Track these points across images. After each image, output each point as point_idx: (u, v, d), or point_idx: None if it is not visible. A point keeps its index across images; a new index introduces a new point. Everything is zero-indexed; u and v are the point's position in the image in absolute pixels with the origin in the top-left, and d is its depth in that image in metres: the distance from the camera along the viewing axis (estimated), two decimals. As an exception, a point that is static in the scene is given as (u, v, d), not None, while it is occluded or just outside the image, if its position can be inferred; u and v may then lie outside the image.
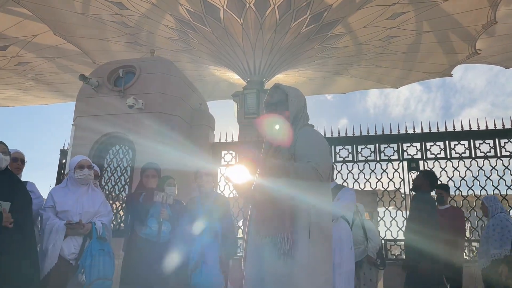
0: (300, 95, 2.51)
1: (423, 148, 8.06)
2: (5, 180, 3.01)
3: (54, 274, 3.17)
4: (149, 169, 3.84)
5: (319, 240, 2.14)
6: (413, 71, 13.97)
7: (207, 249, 3.62)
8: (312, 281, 2.05)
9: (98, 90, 8.16)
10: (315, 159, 2.18)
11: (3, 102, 17.26)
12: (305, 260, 2.07)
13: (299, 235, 2.12)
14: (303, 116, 2.44)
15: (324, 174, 2.17)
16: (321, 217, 2.19)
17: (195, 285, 3.49)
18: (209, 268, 3.52)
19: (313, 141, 2.31)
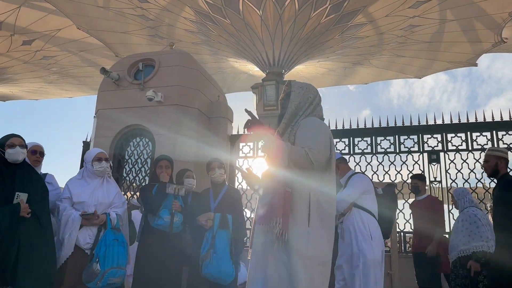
0: (307, 87, 2.53)
1: (444, 140, 7.91)
2: (22, 172, 3.13)
3: (70, 263, 3.29)
4: (162, 160, 3.91)
5: (319, 228, 2.15)
6: (436, 61, 13.66)
7: (217, 239, 3.66)
8: (308, 270, 2.06)
9: (119, 83, 8.30)
10: (309, 144, 2.19)
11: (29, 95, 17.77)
12: (303, 248, 2.09)
13: (297, 222, 2.13)
14: (309, 107, 2.47)
15: (315, 160, 2.15)
16: (322, 206, 2.19)
17: (206, 275, 3.55)
18: (220, 258, 3.56)
19: (311, 129, 2.32)
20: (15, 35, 12.91)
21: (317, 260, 2.10)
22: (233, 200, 3.98)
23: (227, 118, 8.70)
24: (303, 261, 2.07)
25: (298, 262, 2.06)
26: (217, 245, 3.62)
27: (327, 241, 2.18)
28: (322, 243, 2.15)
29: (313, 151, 2.17)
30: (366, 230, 3.73)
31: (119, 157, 8.10)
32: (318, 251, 2.11)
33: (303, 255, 2.08)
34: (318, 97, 2.53)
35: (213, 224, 3.70)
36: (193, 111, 7.96)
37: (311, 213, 2.15)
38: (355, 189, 3.87)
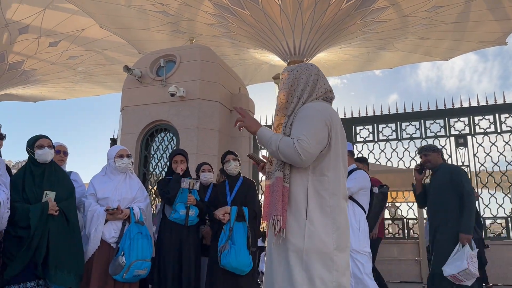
0: (298, 68, 2.27)
1: (471, 123, 7.73)
2: (50, 171, 3.27)
3: (97, 256, 3.42)
4: (177, 155, 4.00)
5: (318, 219, 2.05)
6: (463, 41, 13.24)
7: (235, 231, 3.76)
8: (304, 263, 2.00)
9: (142, 80, 8.46)
10: (298, 134, 2.04)
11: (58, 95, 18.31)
12: (299, 241, 2.02)
13: (295, 215, 2.06)
14: (304, 91, 2.21)
15: (303, 151, 1.99)
16: (322, 196, 2.07)
17: (225, 265, 3.65)
18: (238, 249, 3.65)
19: (304, 118, 2.11)
20: (42, 37, 13.29)
21: (315, 252, 2.00)
22: (249, 191, 4.05)
23: (248, 110, 8.73)
24: (299, 254, 2.00)
25: (294, 255, 2.01)
26: (235, 236, 3.72)
27: (327, 231, 2.04)
28: (321, 234, 2.03)
29: (301, 141, 2.00)
30: (356, 223, 3.95)
31: (145, 153, 8.29)
32: (316, 242, 2.01)
33: (299, 248, 2.01)
34: (313, 76, 2.26)
35: (230, 217, 3.81)
36: (215, 104, 8.03)
37: (308, 205, 2.06)
38: (356, 184, 4.02)
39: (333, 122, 2.16)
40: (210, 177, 4.33)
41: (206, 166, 4.38)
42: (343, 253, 2.09)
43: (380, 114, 8.41)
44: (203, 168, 4.35)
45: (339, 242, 2.08)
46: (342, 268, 2.06)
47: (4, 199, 2.93)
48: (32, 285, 2.94)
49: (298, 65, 2.33)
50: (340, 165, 2.18)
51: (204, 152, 7.63)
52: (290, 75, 2.28)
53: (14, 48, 13.56)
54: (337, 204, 2.12)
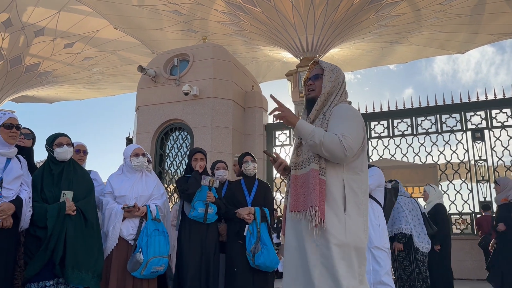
0: (338, 71, 2.41)
1: (488, 116, 7.62)
2: (69, 170, 3.31)
3: (115, 253, 3.47)
4: (197, 153, 4.04)
5: (355, 215, 2.15)
6: (479, 34, 13.03)
7: (262, 232, 3.86)
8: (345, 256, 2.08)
9: (156, 80, 8.54)
10: (343, 132, 2.14)
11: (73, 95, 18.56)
12: (341, 235, 2.09)
13: (334, 210, 2.12)
14: (340, 93, 2.37)
15: (349, 148, 2.10)
16: (356, 193, 2.18)
17: (259, 265, 3.76)
18: (269, 249, 3.79)
19: (346, 117, 2.23)
20: (57, 39, 13.49)
21: (353, 246, 2.10)
22: (266, 193, 4.14)
23: (262, 108, 8.74)
24: (341, 248, 2.08)
25: (336, 249, 2.07)
26: (263, 237, 3.84)
27: (363, 227, 2.17)
28: (358, 230, 2.15)
29: (347, 138, 2.11)
30: (375, 220, 3.96)
31: (160, 152, 8.37)
32: (355, 237, 2.12)
33: (342, 242, 2.09)
34: (344, 80, 2.45)
35: (255, 218, 3.89)
36: (228, 102, 8.06)
37: (346, 201, 2.15)
38: (374, 181, 4.02)
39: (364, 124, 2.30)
40: (225, 174, 4.38)
41: (221, 163, 4.43)
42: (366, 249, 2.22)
43: (395, 109, 8.34)
44: (218, 166, 4.39)
45: (366, 240, 2.21)
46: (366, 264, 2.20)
47: (27, 198, 2.99)
48: (51, 284, 2.99)
49: (334, 66, 2.44)
50: (367, 166, 2.32)
51: (218, 150, 7.68)
52: (331, 74, 2.38)
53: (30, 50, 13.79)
54: (367, 202, 2.24)
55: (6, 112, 3.10)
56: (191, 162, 4.00)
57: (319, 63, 2.46)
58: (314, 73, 2.43)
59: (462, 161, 7.76)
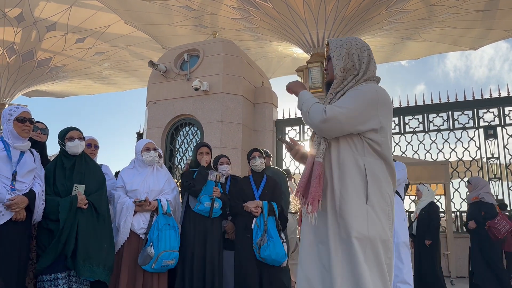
0: (350, 43, 2.11)
1: (501, 113, 7.52)
2: (81, 164, 3.34)
3: (126, 247, 3.50)
4: (203, 147, 4.05)
5: (379, 205, 1.93)
6: (492, 30, 12.84)
7: (269, 225, 3.85)
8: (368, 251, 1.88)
9: (167, 75, 8.57)
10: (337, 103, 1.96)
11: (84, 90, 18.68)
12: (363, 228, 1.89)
13: (353, 199, 1.92)
14: (360, 69, 2.08)
15: (330, 117, 1.89)
16: (380, 180, 1.96)
17: (265, 258, 3.75)
18: (275, 242, 3.77)
19: (353, 92, 2.01)
20: (68, 34, 13.56)
21: (378, 238, 1.89)
22: (275, 188, 4.14)
23: (272, 104, 8.73)
24: (362, 242, 1.88)
25: (357, 242, 1.87)
26: (270, 230, 3.82)
27: (387, 218, 1.95)
28: (382, 221, 1.92)
29: (334, 108, 1.92)
30: (401, 214, 3.93)
31: (170, 147, 8.40)
32: (379, 230, 1.90)
33: (363, 235, 1.88)
34: (367, 51, 2.12)
35: (263, 211, 3.88)
36: (238, 98, 8.06)
37: (369, 188, 1.93)
38: (402, 176, 4.02)
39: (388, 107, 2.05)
40: (229, 169, 4.39)
41: (224, 158, 4.43)
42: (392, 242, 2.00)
43: (407, 106, 8.28)
44: (221, 161, 4.39)
45: (391, 231, 1.99)
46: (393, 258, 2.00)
47: (40, 191, 3.02)
48: (63, 276, 3.02)
49: (345, 39, 2.16)
50: (390, 153, 2.06)
51: (227, 146, 7.68)
52: (341, 50, 2.12)
53: (42, 45, 13.90)
54: (391, 191, 2.02)
55: (19, 106, 3.14)
56: (197, 156, 4.02)
57: (329, 42, 2.21)
58: (327, 55, 2.22)
59: (474, 159, 7.68)
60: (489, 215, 5.31)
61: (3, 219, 2.81)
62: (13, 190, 2.88)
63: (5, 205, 2.81)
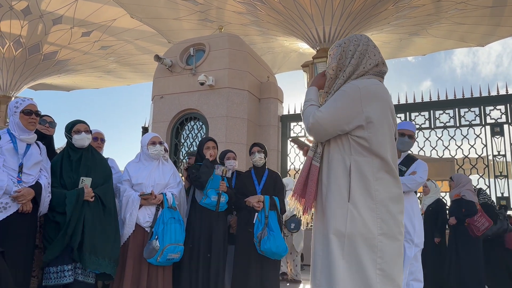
0: (345, 41, 2.12)
1: (508, 111, 7.46)
2: (87, 157, 3.36)
3: (132, 240, 3.52)
4: (209, 141, 4.06)
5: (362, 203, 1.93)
6: (500, 27, 12.74)
7: (270, 219, 3.86)
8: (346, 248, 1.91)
9: (172, 69, 8.56)
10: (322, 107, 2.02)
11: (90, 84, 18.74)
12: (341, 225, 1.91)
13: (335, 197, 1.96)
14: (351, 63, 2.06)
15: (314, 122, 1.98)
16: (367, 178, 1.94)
17: (265, 251, 3.76)
18: (276, 235, 3.78)
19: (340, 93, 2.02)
20: (74, 28, 13.60)
21: (357, 235, 1.89)
22: (276, 183, 4.14)
23: (277, 99, 8.71)
24: (339, 238, 1.91)
25: (334, 239, 1.92)
26: (271, 224, 3.83)
27: (373, 216, 1.92)
28: (365, 219, 1.91)
29: (317, 112, 1.98)
30: (420, 214, 3.94)
31: (176, 141, 8.41)
32: (359, 227, 1.90)
33: (340, 232, 1.91)
34: (361, 46, 2.08)
35: (264, 205, 3.89)
36: (244, 93, 8.05)
37: (352, 187, 1.93)
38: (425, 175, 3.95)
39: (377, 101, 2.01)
40: (235, 164, 4.40)
41: (231, 153, 4.44)
42: (393, 241, 1.96)
43: (413, 102, 8.23)
44: (228, 156, 4.40)
45: (387, 229, 1.94)
46: (389, 256, 1.93)
47: (46, 183, 3.04)
48: (69, 268, 3.05)
49: (346, 38, 2.18)
50: (387, 148, 2.01)
51: (232, 141, 7.68)
52: (338, 49, 2.14)
53: (48, 38, 13.94)
54: (385, 187, 1.98)
55: (25, 98, 3.15)
56: (203, 150, 4.02)
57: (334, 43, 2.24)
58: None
59: (480, 156, 7.63)
60: (469, 213, 5.42)
61: (9, 211, 2.83)
62: (19, 182, 2.90)
63: (11, 197, 2.83)
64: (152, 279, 3.50)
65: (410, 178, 3.85)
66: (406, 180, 3.84)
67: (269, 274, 3.85)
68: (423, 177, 3.87)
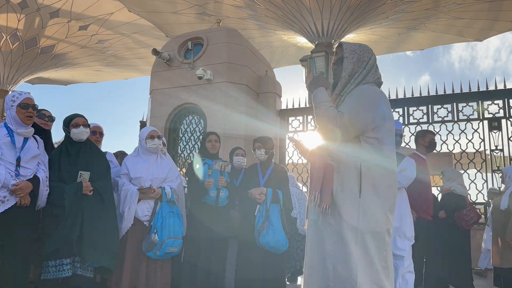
0: (362, 50, 2.33)
1: (506, 105, 7.48)
2: (86, 150, 3.36)
3: (130, 234, 3.54)
4: (212, 135, 4.07)
5: (372, 199, 2.08)
6: (499, 21, 12.72)
7: (271, 213, 3.84)
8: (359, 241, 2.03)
9: (170, 63, 8.52)
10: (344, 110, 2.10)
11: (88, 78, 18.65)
12: (353, 220, 2.05)
13: (347, 194, 2.09)
14: (363, 72, 2.28)
15: (341, 127, 2.07)
16: (375, 177, 2.11)
17: (263, 244, 3.75)
18: (275, 229, 3.76)
19: (356, 97, 2.19)
20: (72, 21, 13.50)
21: (368, 230, 2.04)
22: (281, 177, 4.13)
23: (275, 93, 8.70)
24: (353, 232, 2.04)
25: (348, 233, 2.04)
26: (272, 217, 3.82)
27: (381, 210, 2.09)
28: (375, 213, 2.07)
29: (343, 117, 2.07)
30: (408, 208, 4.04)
31: (174, 135, 8.40)
32: (370, 221, 2.05)
33: (353, 226, 2.05)
34: (372, 59, 2.33)
35: (266, 198, 3.88)
36: (242, 87, 8.03)
37: (362, 185, 2.09)
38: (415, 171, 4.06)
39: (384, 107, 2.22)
40: (243, 161, 4.40)
41: (240, 150, 4.48)
42: (390, 236, 2.15)
43: (411, 97, 8.23)
44: (237, 152, 4.44)
45: (389, 225, 2.14)
46: (390, 249, 2.14)
47: (44, 177, 3.04)
48: (68, 262, 3.05)
49: (358, 45, 2.38)
50: (392, 149, 2.22)
51: (231, 135, 7.67)
52: (354, 55, 2.32)
53: (45, 32, 13.85)
54: (389, 186, 2.16)
55: (22, 92, 3.13)
56: (205, 143, 4.03)
57: (342, 45, 2.39)
58: (338, 56, 2.39)
59: (477, 150, 7.65)
60: (459, 206, 5.51)
61: (8, 204, 2.83)
62: (17, 175, 2.90)
63: (9, 190, 2.82)
64: (151, 273, 3.51)
65: (402, 175, 3.96)
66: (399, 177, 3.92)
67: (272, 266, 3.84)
68: (414, 173, 4.00)
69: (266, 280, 3.79)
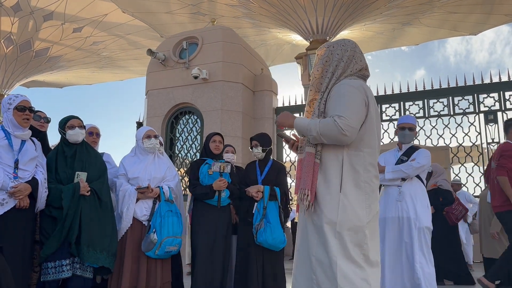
0: (335, 44, 2.27)
1: (501, 98, 7.51)
2: (82, 152, 3.35)
3: (129, 234, 3.53)
4: (217, 136, 4.06)
5: (353, 193, 2.09)
6: (493, 15, 12.76)
7: (268, 210, 3.85)
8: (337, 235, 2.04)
9: (165, 63, 8.52)
10: (338, 112, 2.06)
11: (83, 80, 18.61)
12: (333, 214, 2.06)
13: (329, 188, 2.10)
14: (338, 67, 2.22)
15: (347, 127, 2.02)
16: (357, 171, 2.11)
17: (261, 242, 3.76)
18: (273, 226, 3.77)
19: (341, 94, 2.13)
20: (66, 24, 13.47)
21: (347, 225, 2.04)
22: (279, 173, 4.11)
23: (271, 91, 8.71)
24: (332, 226, 2.05)
25: (327, 228, 2.06)
26: (269, 215, 3.82)
27: (362, 205, 2.10)
28: (355, 208, 2.07)
29: (342, 118, 2.03)
30: (425, 200, 3.96)
31: (171, 135, 8.40)
32: (349, 216, 2.06)
33: (332, 221, 2.06)
34: (349, 51, 2.24)
35: (263, 195, 3.88)
36: (238, 86, 8.04)
37: (343, 179, 2.09)
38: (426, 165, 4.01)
39: (369, 99, 2.18)
40: (233, 158, 4.41)
41: (229, 147, 4.49)
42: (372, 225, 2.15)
43: (407, 91, 8.25)
44: (227, 149, 4.45)
45: (371, 217, 2.13)
46: (373, 243, 2.13)
47: (42, 179, 3.03)
48: (67, 263, 3.05)
49: (335, 41, 2.33)
50: (375, 142, 2.20)
51: (228, 134, 7.68)
52: (326, 51, 2.29)
53: (39, 35, 13.81)
54: (371, 180, 2.16)
55: (18, 95, 3.12)
56: (209, 144, 4.01)
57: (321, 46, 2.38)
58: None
59: (474, 144, 7.68)
60: (447, 201, 5.53)
61: (7, 207, 2.82)
62: (15, 178, 2.89)
63: (8, 193, 2.82)
64: (151, 272, 3.51)
65: (406, 164, 3.94)
66: (402, 166, 3.92)
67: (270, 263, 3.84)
68: (420, 162, 3.93)
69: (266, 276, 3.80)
